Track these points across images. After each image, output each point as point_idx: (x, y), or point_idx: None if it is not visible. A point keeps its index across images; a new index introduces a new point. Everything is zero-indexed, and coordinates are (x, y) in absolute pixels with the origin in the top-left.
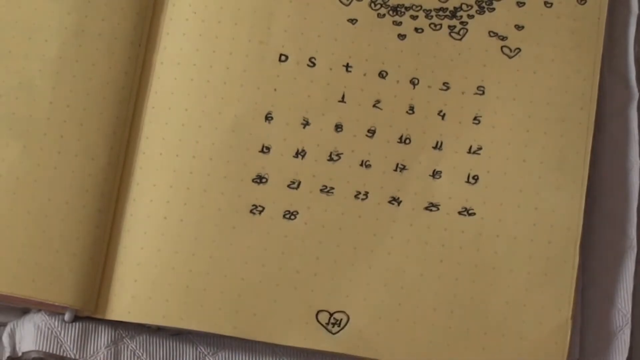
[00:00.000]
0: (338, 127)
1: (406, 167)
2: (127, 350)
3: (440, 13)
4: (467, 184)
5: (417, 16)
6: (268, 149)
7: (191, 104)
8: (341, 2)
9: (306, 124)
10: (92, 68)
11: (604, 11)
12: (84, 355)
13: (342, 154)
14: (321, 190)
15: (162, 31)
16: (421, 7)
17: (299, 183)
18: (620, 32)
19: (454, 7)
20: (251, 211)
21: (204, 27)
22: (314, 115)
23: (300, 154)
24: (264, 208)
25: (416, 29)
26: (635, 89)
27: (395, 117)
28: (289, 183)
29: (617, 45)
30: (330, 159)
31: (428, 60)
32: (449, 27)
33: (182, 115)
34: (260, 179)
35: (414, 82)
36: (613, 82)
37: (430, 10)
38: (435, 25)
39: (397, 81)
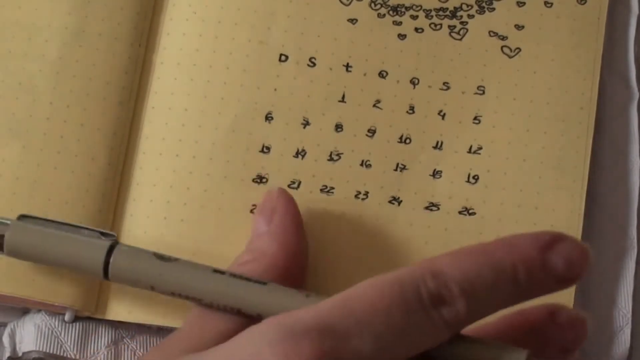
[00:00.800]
0: (338, 127)
1: (406, 167)
2: (128, 350)
3: (441, 13)
4: (467, 183)
5: (417, 16)
6: (268, 149)
7: (191, 104)
8: (341, 2)
9: (306, 124)
10: (92, 68)
11: (604, 11)
12: (85, 356)
13: (342, 153)
14: (321, 190)
15: (162, 31)
16: (421, 6)
17: (299, 183)
18: (620, 32)
19: (454, 7)
20: (252, 211)
21: (204, 27)
22: (314, 115)
23: (300, 153)
24: None
25: (416, 29)
26: (636, 89)
27: (395, 117)
28: (289, 183)
29: (617, 45)
30: (331, 159)
31: (428, 60)
32: (449, 27)
33: (182, 116)
34: (260, 179)
35: (414, 82)
36: (613, 82)
37: (431, 10)
38: (436, 25)
39: (397, 81)
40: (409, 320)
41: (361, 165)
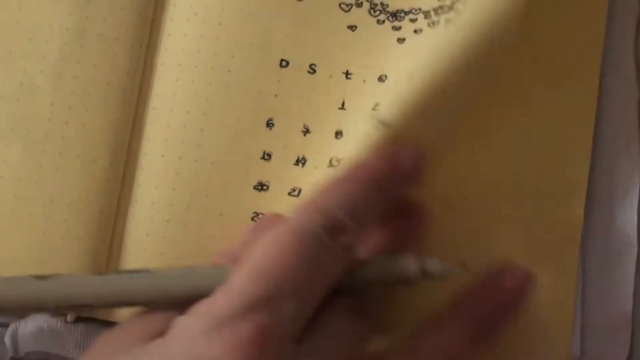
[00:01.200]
0: (338, 134)
1: None
2: None
3: (439, 10)
4: None
5: (416, 19)
6: (269, 155)
7: (193, 106)
8: (341, 8)
9: (306, 131)
10: (93, 69)
11: (605, 8)
12: None
13: (341, 159)
14: None
15: (164, 32)
16: (420, 9)
17: (299, 191)
18: (620, 31)
19: (451, 2)
20: (253, 219)
21: (205, 29)
22: (314, 123)
23: (300, 161)
24: None
25: (415, 31)
26: (636, 89)
27: (392, 117)
28: (290, 191)
29: (617, 45)
30: (331, 166)
31: (426, 57)
32: (446, 20)
33: (184, 118)
34: (261, 187)
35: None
36: (613, 82)
37: (429, 11)
38: (433, 23)
39: (395, 82)
40: (317, 261)
41: None
